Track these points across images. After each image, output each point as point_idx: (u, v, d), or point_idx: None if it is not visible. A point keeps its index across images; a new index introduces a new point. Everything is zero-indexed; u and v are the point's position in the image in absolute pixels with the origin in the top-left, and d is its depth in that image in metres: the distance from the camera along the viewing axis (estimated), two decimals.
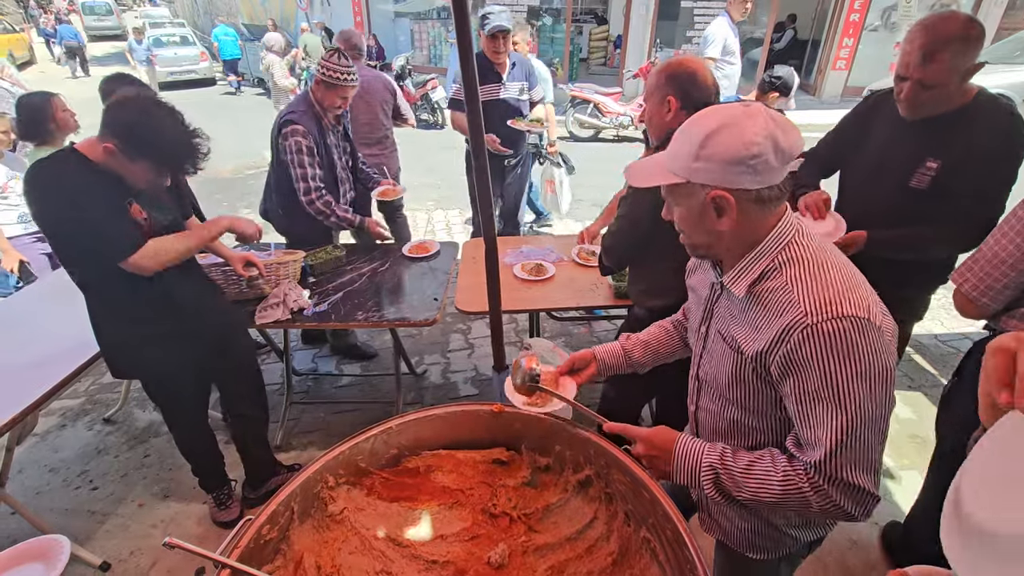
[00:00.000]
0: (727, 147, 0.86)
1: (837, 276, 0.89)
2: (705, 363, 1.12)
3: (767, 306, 0.92)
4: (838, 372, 0.84)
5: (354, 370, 3.20)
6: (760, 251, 0.94)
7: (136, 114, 1.54)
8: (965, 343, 3.31)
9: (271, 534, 1.14)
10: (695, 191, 0.92)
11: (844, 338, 0.83)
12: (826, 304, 0.85)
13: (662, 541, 1.13)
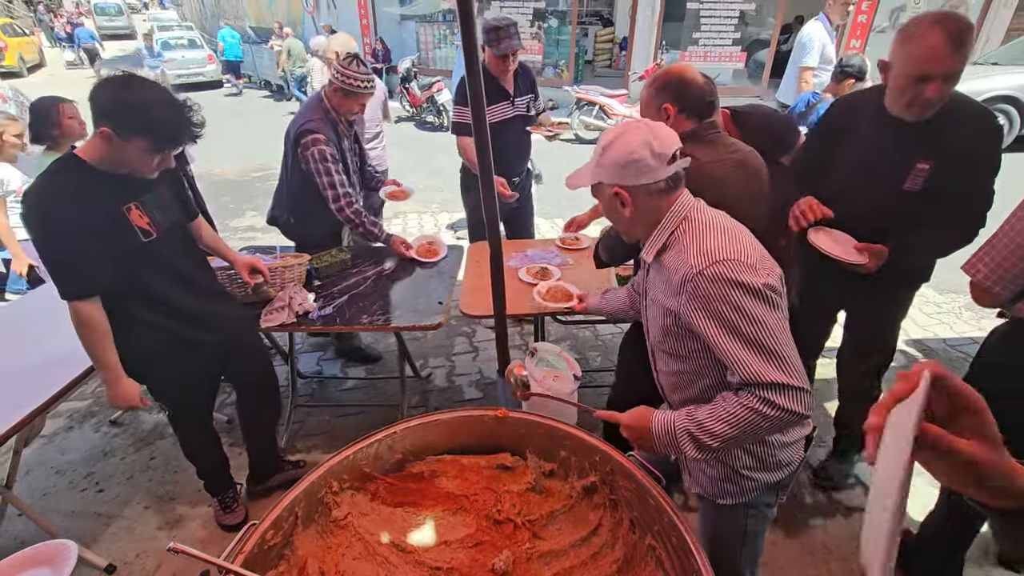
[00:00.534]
0: (616, 154, 1.16)
1: (718, 234, 1.13)
2: (649, 329, 1.34)
3: (669, 268, 1.17)
4: (724, 302, 1.07)
5: (359, 373, 3.20)
6: (661, 227, 1.20)
7: (119, 89, 1.50)
8: (974, 348, 3.27)
9: (275, 539, 1.14)
10: (603, 189, 1.22)
11: (721, 276, 1.07)
12: (706, 255, 1.09)
13: (668, 549, 1.12)
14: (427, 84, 9.38)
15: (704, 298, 1.08)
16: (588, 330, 3.57)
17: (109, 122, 1.49)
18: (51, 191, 1.52)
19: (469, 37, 1.40)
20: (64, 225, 1.51)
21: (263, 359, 2.24)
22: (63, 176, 1.54)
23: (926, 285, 2.22)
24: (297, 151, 2.50)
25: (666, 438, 1.16)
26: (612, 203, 1.22)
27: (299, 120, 2.54)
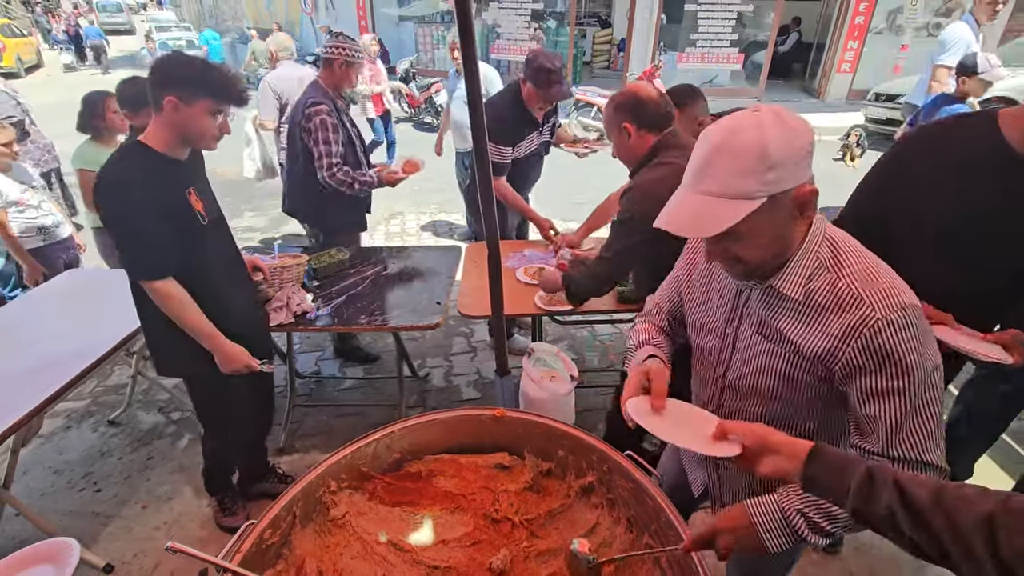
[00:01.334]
0: (792, 144, 0.83)
1: (880, 268, 0.92)
2: (738, 365, 1.08)
3: (823, 304, 0.92)
4: (906, 356, 0.86)
5: (357, 373, 3.21)
6: (805, 249, 0.93)
7: (174, 61, 1.61)
8: None
9: (273, 538, 1.14)
10: (776, 204, 0.86)
11: (909, 325, 0.86)
12: (886, 297, 0.87)
13: (665, 549, 1.13)
14: (425, 85, 9.39)
15: (885, 348, 0.86)
16: (586, 330, 3.58)
17: (174, 90, 1.56)
18: (125, 175, 1.59)
19: (468, 38, 1.40)
20: (140, 207, 1.58)
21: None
22: (134, 161, 1.61)
23: None
24: (304, 128, 2.63)
25: (774, 523, 0.93)
26: (787, 219, 0.90)
27: (303, 100, 2.68)
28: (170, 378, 2.46)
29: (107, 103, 2.85)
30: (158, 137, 1.62)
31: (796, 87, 11.62)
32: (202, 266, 1.74)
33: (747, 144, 0.83)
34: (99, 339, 2.12)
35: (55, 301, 2.52)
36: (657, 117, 1.76)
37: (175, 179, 1.67)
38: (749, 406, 1.09)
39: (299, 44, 13.03)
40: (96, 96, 2.88)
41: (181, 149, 1.67)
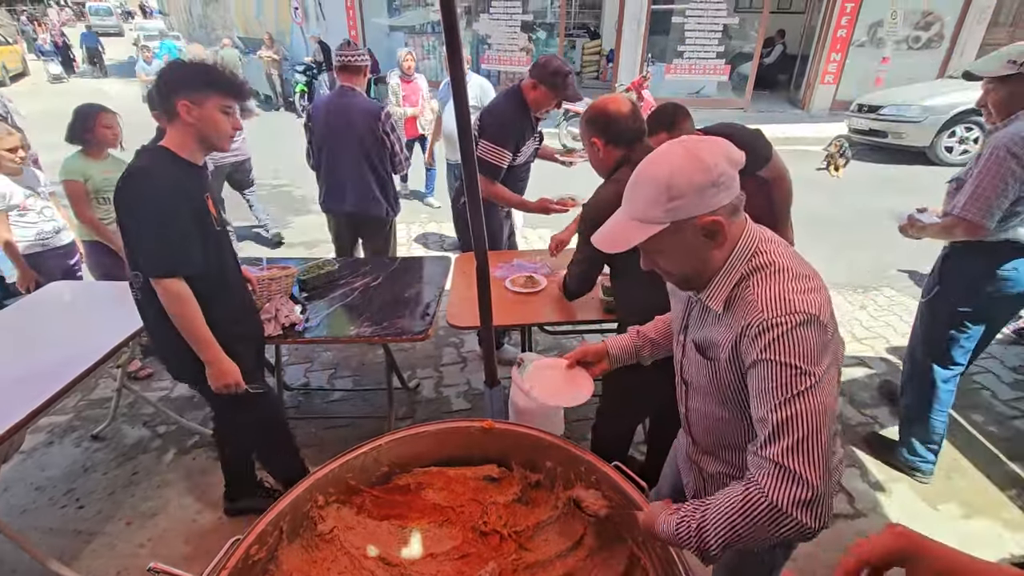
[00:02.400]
0: (694, 177, 0.93)
1: (793, 282, 0.95)
2: (687, 368, 1.18)
3: (735, 314, 0.99)
4: (787, 362, 0.89)
5: (346, 384, 3.19)
6: (730, 265, 1.00)
7: (177, 66, 1.69)
8: None
9: (259, 554, 1.13)
10: (681, 228, 0.96)
11: (792, 331, 0.90)
12: (780, 304, 0.92)
13: (652, 558, 1.14)
14: None
15: (766, 350, 0.91)
16: (575, 340, 3.59)
17: (183, 93, 1.62)
18: (153, 170, 1.64)
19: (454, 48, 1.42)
20: (167, 201, 1.61)
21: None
22: (160, 163, 1.65)
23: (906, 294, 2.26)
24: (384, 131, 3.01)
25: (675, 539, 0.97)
26: (694, 242, 0.97)
27: (370, 108, 2.98)
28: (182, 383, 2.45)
29: (99, 118, 2.85)
30: (178, 143, 1.68)
31: (781, 98, 11.81)
32: (216, 271, 1.77)
33: (655, 176, 0.96)
34: (85, 351, 2.09)
35: (41, 311, 2.48)
36: (623, 132, 1.81)
37: (197, 182, 1.74)
38: (706, 407, 1.15)
39: (288, 53, 13.04)
40: (88, 109, 2.88)
41: (200, 153, 1.73)
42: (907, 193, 6.37)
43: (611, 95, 1.92)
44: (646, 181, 0.97)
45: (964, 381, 3.07)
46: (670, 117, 2.20)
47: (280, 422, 2.16)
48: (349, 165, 3.06)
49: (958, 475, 2.45)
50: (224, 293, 1.81)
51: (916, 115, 7.33)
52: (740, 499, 0.90)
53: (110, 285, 2.76)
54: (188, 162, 1.70)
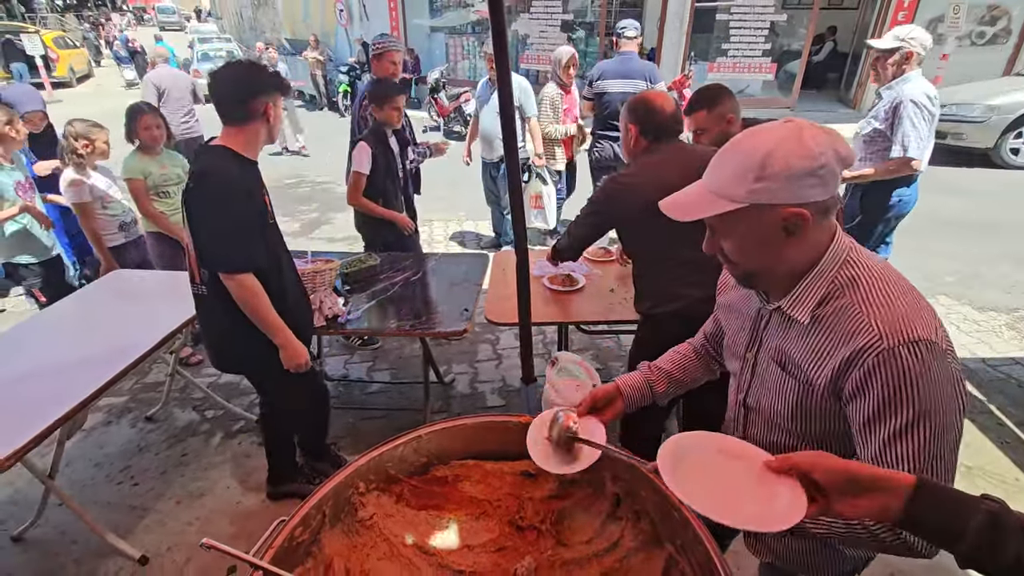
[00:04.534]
0: (792, 161, 0.81)
1: (903, 297, 0.85)
2: (756, 391, 1.06)
3: (833, 330, 0.87)
4: (915, 397, 0.80)
5: (384, 377, 3.25)
6: (819, 271, 0.90)
7: (255, 69, 1.78)
8: (1016, 368, 3.15)
9: (303, 536, 1.16)
10: (759, 213, 0.85)
11: (919, 362, 0.79)
12: (898, 327, 0.81)
13: (691, 563, 1.11)
14: (455, 95, 9.52)
15: (888, 383, 0.81)
16: (611, 340, 3.55)
17: (267, 94, 1.73)
18: (223, 176, 1.71)
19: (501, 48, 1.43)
20: (242, 202, 1.72)
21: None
22: (227, 163, 1.73)
23: (964, 302, 2.19)
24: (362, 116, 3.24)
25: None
26: (770, 234, 0.86)
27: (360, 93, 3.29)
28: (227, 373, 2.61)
29: (141, 120, 2.96)
30: (244, 141, 1.76)
31: (831, 97, 11.38)
32: (275, 262, 1.86)
33: (752, 149, 0.84)
34: (141, 338, 2.21)
35: (102, 299, 2.63)
36: (658, 127, 1.85)
37: (258, 178, 1.82)
38: (772, 435, 1.06)
39: (333, 54, 13.38)
40: (134, 111, 3.01)
41: (257, 150, 1.82)
42: (966, 196, 6.04)
43: (660, 91, 1.96)
44: (739, 152, 0.85)
45: None
46: (712, 95, 2.17)
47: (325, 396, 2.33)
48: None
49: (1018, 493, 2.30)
50: (283, 282, 1.90)
51: (979, 115, 6.94)
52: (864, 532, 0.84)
53: (165, 275, 2.90)
54: (249, 160, 1.78)
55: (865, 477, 0.70)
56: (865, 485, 0.69)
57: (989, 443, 2.59)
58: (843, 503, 0.71)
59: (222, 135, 1.78)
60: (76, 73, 16.75)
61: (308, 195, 6.82)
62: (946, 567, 2.00)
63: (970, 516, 0.65)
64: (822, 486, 0.71)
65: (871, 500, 0.69)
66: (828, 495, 0.71)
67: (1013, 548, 0.63)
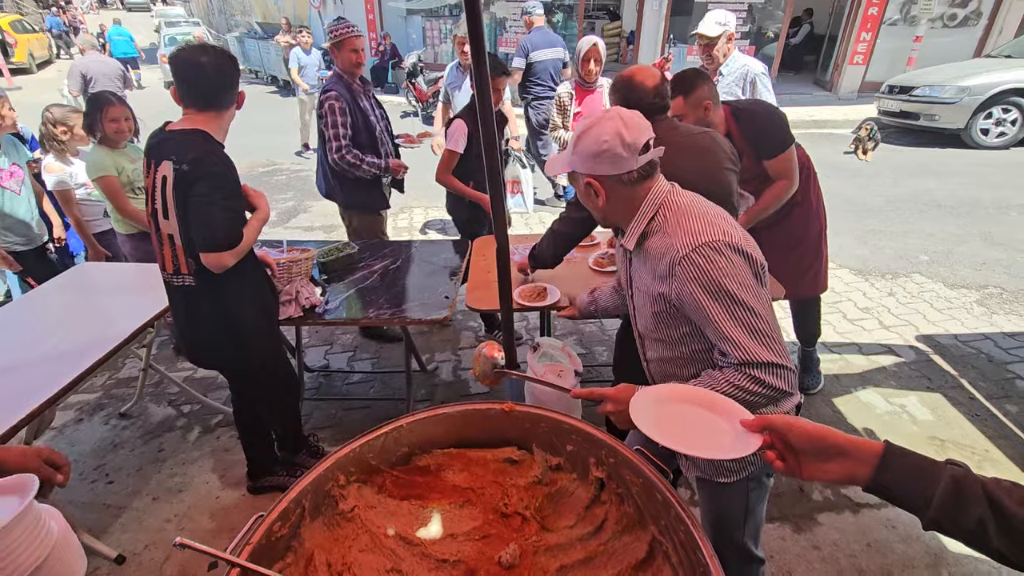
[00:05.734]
0: (587, 145, 1.18)
1: (700, 217, 1.17)
2: (637, 318, 1.37)
3: (655, 254, 1.21)
4: (713, 284, 1.11)
5: (365, 367, 3.22)
6: (640, 215, 1.23)
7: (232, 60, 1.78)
8: (986, 343, 3.24)
9: (282, 531, 1.14)
10: (577, 178, 1.25)
11: (708, 258, 1.11)
12: (693, 236, 1.13)
13: (675, 543, 1.12)
14: (433, 79, 9.36)
15: (697, 278, 1.12)
16: (594, 324, 3.56)
17: (238, 86, 1.80)
18: (220, 155, 1.74)
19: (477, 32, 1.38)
20: (234, 183, 1.76)
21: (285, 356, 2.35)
22: (214, 146, 1.74)
23: (936, 280, 2.21)
24: (319, 114, 2.90)
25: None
26: (586, 192, 1.25)
27: (320, 91, 2.97)
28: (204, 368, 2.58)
29: (107, 111, 2.69)
30: (218, 128, 1.78)
31: (808, 80, 11.47)
32: (250, 254, 1.89)
33: (578, 130, 1.20)
34: (111, 332, 2.14)
35: (70, 292, 2.54)
36: (642, 105, 1.75)
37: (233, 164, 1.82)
38: (658, 354, 1.34)
39: None
40: (96, 102, 2.73)
41: (224, 138, 1.83)
42: (938, 177, 6.16)
43: (643, 65, 1.89)
44: (578, 127, 1.21)
45: (994, 369, 3.00)
46: (689, 83, 2.14)
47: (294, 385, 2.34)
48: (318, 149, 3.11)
49: (991, 465, 2.38)
50: (256, 267, 1.96)
51: (951, 96, 7.06)
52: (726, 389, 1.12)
53: (134, 267, 2.80)
54: (222, 144, 1.78)
55: (835, 443, 0.72)
56: (835, 450, 0.72)
57: (961, 416, 2.66)
58: (813, 467, 0.74)
59: (194, 120, 1.73)
60: (36, 59, 16.07)
61: (284, 183, 6.67)
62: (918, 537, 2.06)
63: (936, 483, 0.67)
64: (795, 447, 0.74)
65: (840, 465, 0.72)
66: (799, 457, 0.74)
67: (976, 513, 0.65)
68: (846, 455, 0.72)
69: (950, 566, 1.96)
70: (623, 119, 1.15)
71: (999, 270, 4.04)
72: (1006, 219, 4.93)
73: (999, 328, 3.39)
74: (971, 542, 0.67)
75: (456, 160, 2.89)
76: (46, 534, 0.89)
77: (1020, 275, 3.96)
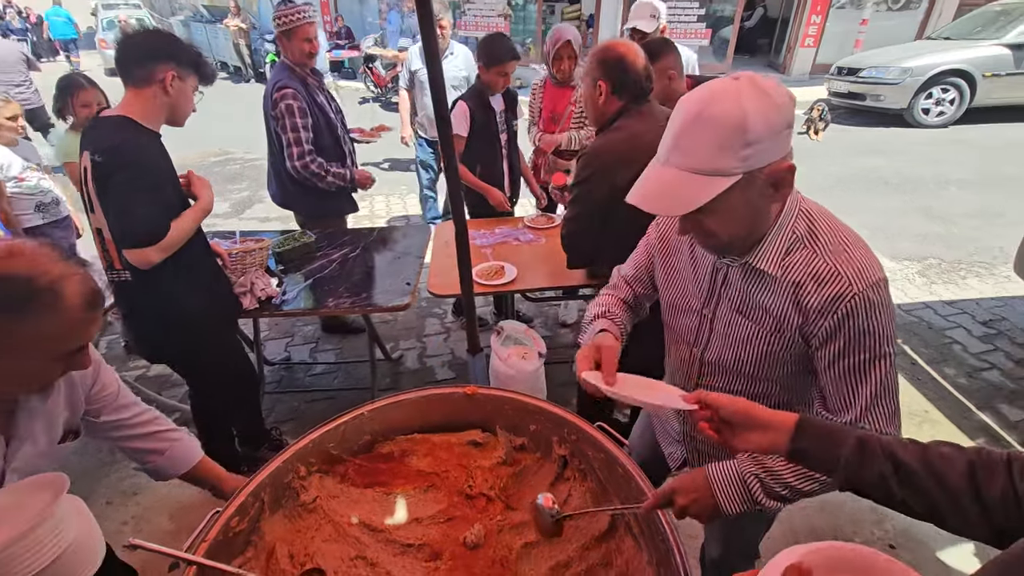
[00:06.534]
0: (771, 117, 0.80)
1: (853, 242, 0.91)
2: (717, 345, 1.08)
3: (800, 280, 0.91)
4: (880, 332, 0.87)
5: (328, 358, 3.16)
6: (781, 223, 0.92)
7: (167, 35, 1.66)
8: (927, 312, 3.42)
9: (240, 526, 1.11)
10: (750, 180, 0.83)
11: (883, 301, 0.87)
12: (863, 272, 0.87)
13: (636, 515, 1.14)
14: (391, 64, 9.14)
15: (861, 323, 0.86)
16: (558, 307, 3.59)
17: (173, 62, 1.58)
18: (133, 141, 1.58)
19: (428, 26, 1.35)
20: (152, 171, 1.60)
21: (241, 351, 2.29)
22: (133, 134, 1.59)
23: (881, 253, 2.28)
24: (272, 115, 2.57)
25: (730, 487, 0.95)
26: (760, 196, 0.86)
27: (268, 85, 2.61)
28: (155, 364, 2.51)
29: (79, 95, 2.73)
30: (143, 112, 1.61)
31: (762, 62, 11.72)
32: (196, 244, 1.78)
33: (724, 117, 0.79)
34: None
35: None
36: (634, 86, 1.72)
37: (165, 153, 1.69)
38: (729, 384, 1.09)
39: (257, 22, 12.52)
40: (66, 85, 2.76)
41: (158, 123, 1.67)
42: (884, 155, 6.42)
43: (629, 42, 1.77)
44: (711, 122, 0.80)
45: (934, 335, 3.17)
46: (655, 49, 2.09)
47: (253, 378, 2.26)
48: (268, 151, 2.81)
49: (931, 425, 2.53)
50: (205, 257, 1.86)
51: (894, 77, 7.34)
52: None
53: None
54: (150, 130, 1.64)
55: (760, 417, 0.81)
56: (759, 424, 0.81)
57: (904, 381, 2.81)
58: (740, 437, 0.83)
59: (123, 105, 1.64)
60: None
61: (238, 173, 6.44)
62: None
63: (843, 445, 0.76)
64: (727, 420, 0.83)
65: (762, 436, 0.81)
66: (732, 429, 0.83)
67: (877, 468, 0.73)
68: (767, 427, 0.80)
69: (892, 519, 2.08)
70: (760, 76, 0.85)
71: (938, 243, 4.26)
72: (945, 194, 5.19)
73: (938, 297, 3.59)
74: (879, 497, 0.74)
75: (463, 145, 2.78)
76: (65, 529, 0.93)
77: (957, 247, 4.19)
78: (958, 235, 4.37)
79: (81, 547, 0.93)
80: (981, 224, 4.50)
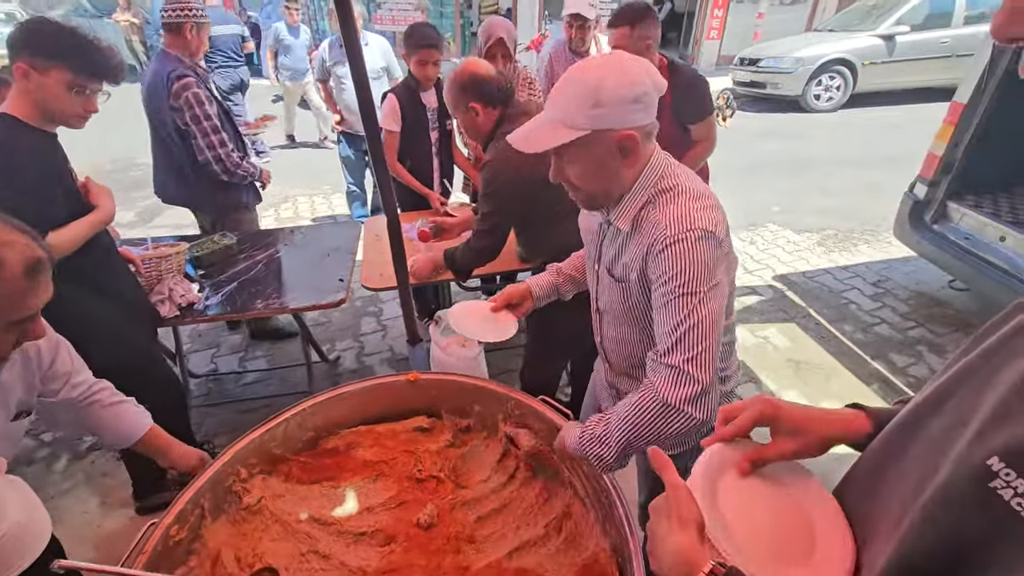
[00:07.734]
0: (620, 91, 0.93)
1: (695, 201, 1.00)
2: (603, 296, 1.22)
3: (642, 233, 1.03)
4: (688, 271, 0.95)
5: (260, 365, 3.03)
6: (639, 185, 1.04)
7: (35, 23, 1.51)
8: (827, 277, 3.78)
9: (180, 535, 1.07)
10: (598, 139, 0.97)
11: (692, 247, 0.95)
12: (682, 220, 0.97)
13: (579, 476, 1.21)
14: None
15: (667, 264, 0.96)
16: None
17: (26, 52, 1.43)
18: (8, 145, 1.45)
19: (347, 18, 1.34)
20: (31, 181, 1.47)
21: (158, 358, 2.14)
22: (10, 132, 1.46)
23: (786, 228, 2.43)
24: (172, 107, 2.37)
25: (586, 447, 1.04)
26: (608, 156, 0.99)
27: (160, 76, 2.39)
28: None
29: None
30: (20, 108, 1.49)
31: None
32: (95, 250, 1.64)
33: (584, 81, 0.95)
34: None
35: None
36: (499, 92, 1.80)
37: (54, 149, 1.55)
38: (620, 332, 1.21)
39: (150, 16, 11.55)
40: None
41: (40, 119, 1.52)
42: (784, 139, 6.96)
43: (470, 58, 1.87)
44: (576, 83, 0.96)
45: (833, 297, 3.50)
46: (637, 13, 2.15)
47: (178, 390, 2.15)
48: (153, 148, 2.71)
49: (835, 377, 2.81)
50: (111, 266, 1.75)
51: (789, 66, 7.96)
52: (636, 401, 0.98)
53: None
54: (40, 130, 1.51)
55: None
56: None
57: (811, 340, 3.10)
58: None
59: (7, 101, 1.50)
60: None
61: (142, 179, 5.94)
62: None
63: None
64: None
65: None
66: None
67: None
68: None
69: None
70: (640, 60, 0.97)
71: (834, 215, 4.70)
72: (838, 172, 5.71)
73: (836, 263, 3.97)
74: None
75: (397, 141, 2.72)
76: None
77: (850, 218, 4.64)
78: (849, 208, 4.84)
79: (25, 531, 0.88)
80: (867, 197, 5.00)
